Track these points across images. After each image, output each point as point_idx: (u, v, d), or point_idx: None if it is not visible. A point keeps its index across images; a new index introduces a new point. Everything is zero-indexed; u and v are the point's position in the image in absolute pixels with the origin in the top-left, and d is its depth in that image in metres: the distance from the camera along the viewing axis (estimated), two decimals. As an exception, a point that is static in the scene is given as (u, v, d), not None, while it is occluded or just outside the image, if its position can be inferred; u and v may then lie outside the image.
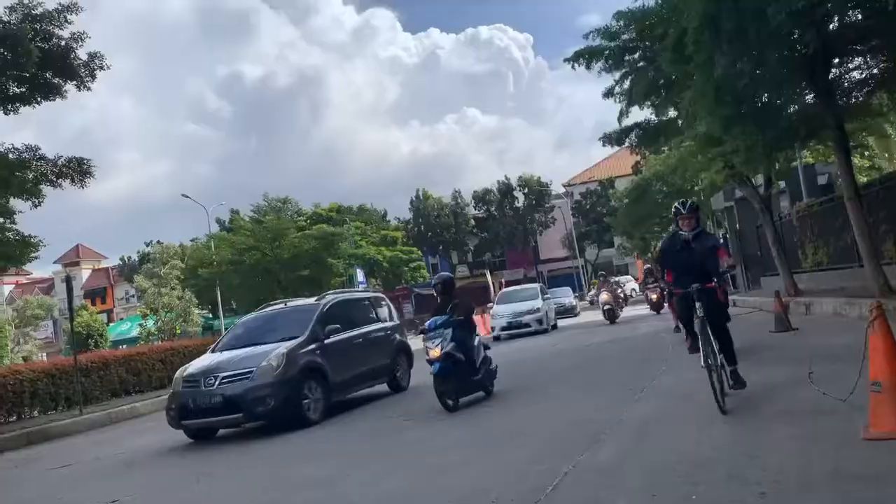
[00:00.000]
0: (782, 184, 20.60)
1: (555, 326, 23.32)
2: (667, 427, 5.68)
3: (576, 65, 15.52)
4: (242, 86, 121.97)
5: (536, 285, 25.45)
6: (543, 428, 6.53)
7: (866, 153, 23.78)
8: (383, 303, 12.49)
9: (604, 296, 21.43)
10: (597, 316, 23.25)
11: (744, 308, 17.37)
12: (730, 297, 16.72)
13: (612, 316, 20.84)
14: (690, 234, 6.58)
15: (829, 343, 8.62)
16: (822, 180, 19.98)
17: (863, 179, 18.01)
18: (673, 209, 6.88)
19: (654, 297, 19.99)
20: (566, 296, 34.45)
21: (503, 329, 21.84)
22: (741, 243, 24.86)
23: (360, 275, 40.20)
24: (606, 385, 8.51)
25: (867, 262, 11.72)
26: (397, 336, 12.00)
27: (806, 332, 10.40)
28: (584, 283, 51.94)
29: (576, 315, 31.73)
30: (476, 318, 10.39)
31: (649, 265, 20.10)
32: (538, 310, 21.88)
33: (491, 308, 23.97)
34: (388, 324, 11.95)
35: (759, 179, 18.03)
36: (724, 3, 8.93)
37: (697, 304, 6.08)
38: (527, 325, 21.57)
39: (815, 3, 8.60)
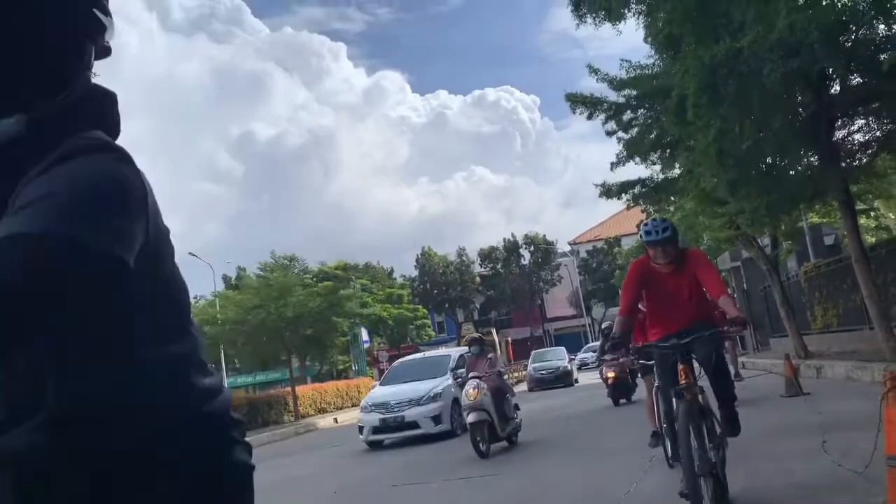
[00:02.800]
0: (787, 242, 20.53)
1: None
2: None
3: (577, 110, 15.40)
4: (255, 145, 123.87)
5: (452, 352, 15.73)
6: (555, 499, 6.31)
7: (872, 213, 23.80)
8: None
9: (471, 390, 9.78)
10: (600, 388, 15.22)
11: (753, 370, 17.05)
12: (738, 359, 16.58)
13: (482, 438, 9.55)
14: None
15: (843, 409, 8.39)
16: (828, 241, 19.97)
17: (871, 240, 17.96)
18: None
19: (610, 374, 13.72)
20: (558, 359, 25.69)
21: (374, 431, 13.15)
22: (749, 303, 24.67)
23: (364, 334, 39.96)
24: (616, 452, 8.28)
25: (877, 324, 11.54)
26: None
27: (818, 396, 10.13)
28: (590, 342, 51.52)
29: (571, 384, 24.23)
30: None
31: (608, 323, 12.92)
32: (436, 397, 13.02)
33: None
34: None
35: (766, 240, 17.97)
36: (721, 69, 9.02)
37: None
38: (411, 424, 12.83)
39: (809, 64, 8.67)
